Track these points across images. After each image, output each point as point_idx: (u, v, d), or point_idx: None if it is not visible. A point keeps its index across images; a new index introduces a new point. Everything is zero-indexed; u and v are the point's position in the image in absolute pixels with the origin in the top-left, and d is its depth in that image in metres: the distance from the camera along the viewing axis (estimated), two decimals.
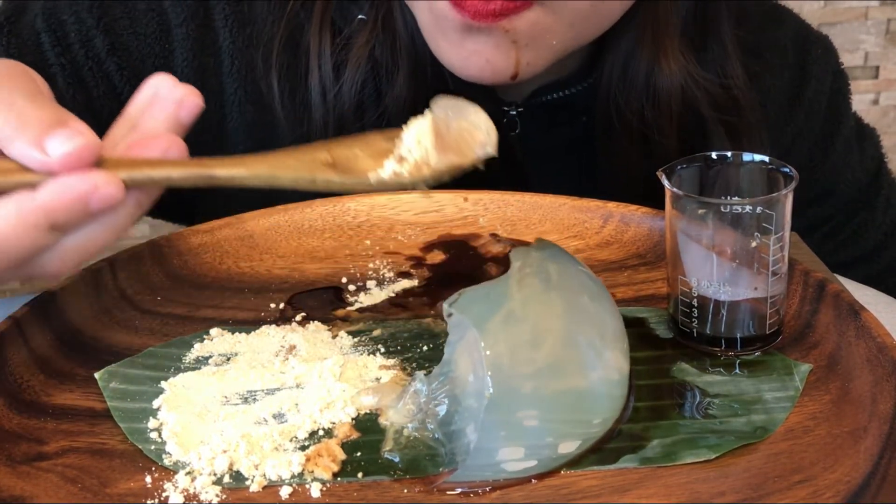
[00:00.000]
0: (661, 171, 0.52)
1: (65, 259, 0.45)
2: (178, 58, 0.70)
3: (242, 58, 0.71)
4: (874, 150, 0.85)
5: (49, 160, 0.43)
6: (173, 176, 0.46)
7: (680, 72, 0.68)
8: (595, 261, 0.62)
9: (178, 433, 0.47)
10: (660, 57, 0.68)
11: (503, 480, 0.44)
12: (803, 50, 0.80)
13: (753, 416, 0.48)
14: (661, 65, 0.68)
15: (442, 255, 0.63)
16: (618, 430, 0.47)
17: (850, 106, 0.83)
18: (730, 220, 0.50)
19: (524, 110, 0.73)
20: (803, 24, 0.82)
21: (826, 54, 0.81)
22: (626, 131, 0.71)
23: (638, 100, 0.69)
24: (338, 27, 0.69)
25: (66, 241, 0.45)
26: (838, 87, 0.82)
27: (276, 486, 0.45)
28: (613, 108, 0.70)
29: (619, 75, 0.70)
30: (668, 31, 0.68)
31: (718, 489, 0.44)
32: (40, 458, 0.46)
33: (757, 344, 0.52)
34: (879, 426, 0.46)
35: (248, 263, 0.62)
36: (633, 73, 0.69)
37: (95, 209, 0.44)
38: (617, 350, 0.49)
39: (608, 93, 0.70)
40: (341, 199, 0.66)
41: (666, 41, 0.68)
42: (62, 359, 0.53)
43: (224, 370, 0.52)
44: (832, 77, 0.81)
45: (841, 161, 0.82)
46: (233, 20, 0.71)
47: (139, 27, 0.70)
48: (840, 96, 0.82)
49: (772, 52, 0.78)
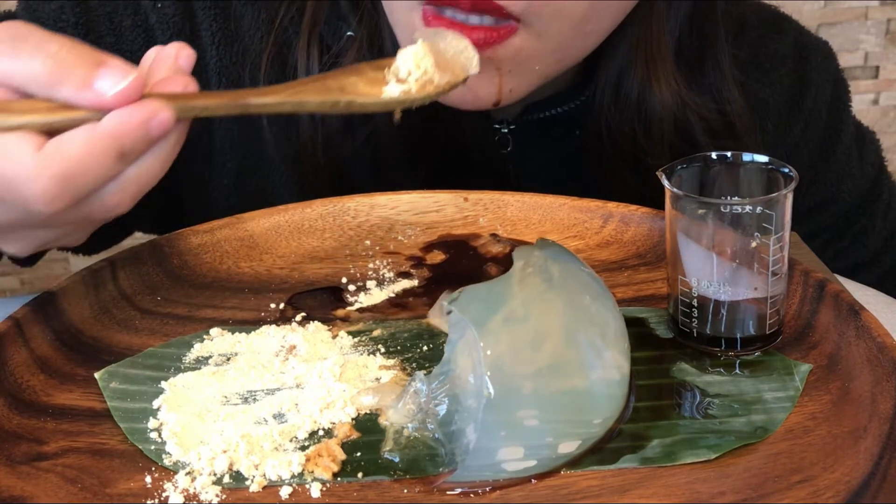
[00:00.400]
0: (660, 170, 0.52)
1: (125, 191, 0.47)
2: None
3: (229, 75, 0.71)
4: (874, 157, 0.85)
5: (103, 99, 0.44)
6: (210, 105, 0.48)
7: (672, 98, 0.68)
8: (595, 261, 0.62)
9: (178, 433, 0.47)
10: (651, 80, 0.68)
11: (503, 480, 0.45)
12: (803, 58, 0.79)
13: (753, 416, 0.48)
14: (653, 89, 0.68)
15: (442, 255, 0.63)
16: (618, 430, 0.47)
17: (850, 113, 0.83)
18: (730, 220, 0.50)
19: (516, 128, 0.73)
20: (803, 32, 0.81)
21: (826, 62, 0.81)
22: (618, 152, 0.70)
23: (630, 122, 0.69)
24: (326, 44, 0.69)
25: (128, 171, 0.46)
26: (838, 95, 0.81)
27: (276, 486, 0.45)
28: (605, 128, 0.70)
29: (611, 96, 0.69)
30: (661, 52, 0.67)
31: (718, 489, 0.44)
32: (40, 458, 0.46)
33: (757, 344, 0.52)
34: (879, 426, 0.46)
35: (248, 263, 0.62)
36: (626, 94, 0.68)
37: (155, 135, 0.46)
38: (617, 350, 0.49)
39: (600, 112, 0.70)
40: (341, 199, 0.66)
41: (658, 64, 0.67)
42: (62, 359, 0.53)
43: (224, 370, 0.52)
44: (832, 86, 0.81)
45: (841, 169, 0.82)
46: (220, 37, 0.70)
47: (125, 44, 0.70)
48: (840, 104, 0.82)
49: (771, 63, 0.78)
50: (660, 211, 0.60)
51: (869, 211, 0.84)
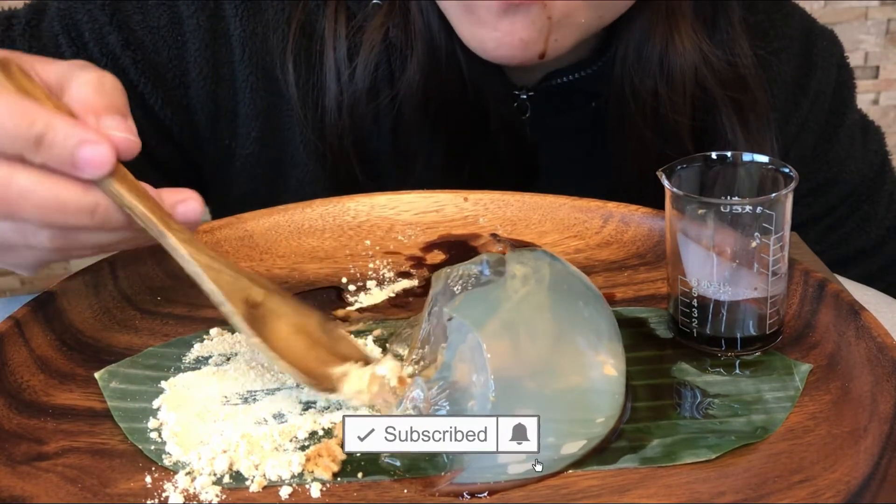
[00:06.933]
0: (660, 170, 0.52)
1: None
2: (190, 49, 0.72)
3: (253, 45, 0.72)
4: (878, 146, 0.86)
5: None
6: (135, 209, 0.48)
7: (693, 50, 0.70)
8: (595, 261, 0.62)
9: (178, 433, 0.47)
10: (674, 36, 0.69)
11: (504, 482, 0.44)
12: (809, 41, 0.81)
13: (753, 416, 0.48)
14: (675, 44, 0.69)
15: (442, 255, 0.63)
16: (618, 429, 0.47)
17: (854, 99, 0.84)
18: (730, 220, 0.50)
19: (535, 94, 0.74)
20: (809, 17, 0.83)
21: (831, 46, 0.82)
22: (640, 110, 0.71)
23: (652, 78, 0.70)
24: (352, 12, 0.71)
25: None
26: (843, 79, 0.83)
27: (276, 486, 0.45)
28: (628, 87, 0.71)
29: (634, 54, 0.71)
30: (682, 10, 0.69)
31: (718, 489, 0.44)
32: (40, 458, 0.46)
33: (757, 344, 0.52)
34: (879, 426, 0.46)
35: (248, 263, 0.62)
36: (648, 54, 0.70)
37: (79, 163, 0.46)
38: (612, 349, 0.49)
39: (622, 73, 0.71)
40: (341, 199, 0.66)
41: (680, 20, 0.69)
42: (62, 359, 0.53)
43: (224, 370, 0.52)
44: (837, 69, 0.82)
45: (844, 151, 0.83)
46: (243, 9, 0.72)
47: (151, 21, 0.72)
48: (845, 89, 0.83)
49: (779, 40, 0.79)
50: (660, 211, 0.60)
51: (872, 198, 0.85)
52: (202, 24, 0.72)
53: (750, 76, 0.72)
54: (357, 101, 0.70)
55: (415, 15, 0.69)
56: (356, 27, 0.70)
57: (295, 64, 0.71)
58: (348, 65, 0.70)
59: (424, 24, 0.68)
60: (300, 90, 0.71)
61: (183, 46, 0.72)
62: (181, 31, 0.72)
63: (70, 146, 0.45)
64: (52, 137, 0.45)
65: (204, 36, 0.72)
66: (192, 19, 0.72)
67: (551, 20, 0.62)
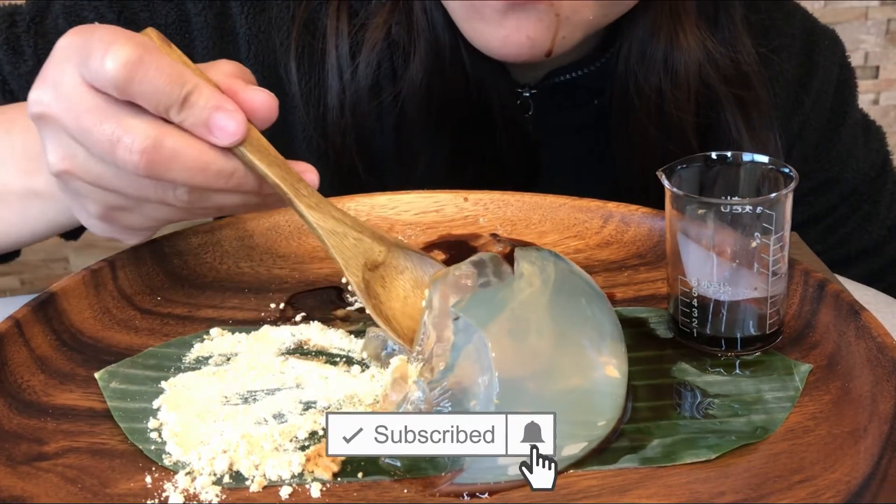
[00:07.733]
0: (660, 170, 0.52)
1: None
2: (198, 46, 0.72)
3: (259, 43, 0.73)
4: (879, 145, 0.86)
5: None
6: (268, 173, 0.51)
7: (697, 47, 0.70)
8: (595, 261, 0.62)
9: (178, 433, 0.47)
10: (678, 33, 0.70)
11: (504, 483, 0.44)
12: (811, 40, 0.81)
13: (753, 416, 0.48)
14: (679, 41, 0.70)
15: (442, 255, 0.63)
16: (619, 430, 0.47)
17: (856, 98, 0.85)
18: (730, 220, 0.50)
19: (538, 91, 0.74)
20: (810, 17, 0.83)
21: (833, 46, 0.82)
22: (644, 107, 0.72)
23: (656, 75, 0.70)
24: (355, 10, 0.71)
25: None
26: (844, 78, 0.83)
27: (276, 486, 0.45)
28: (632, 84, 0.71)
29: (637, 53, 0.71)
30: (686, 8, 0.69)
31: (718, 489, 0.44)
32: (40, 458, 0.46)
33: (757, 344, 0.52)
34: (879, 426, 0.46)
35: (248, 263, 0.62)
36: (652, 51, 0.70)
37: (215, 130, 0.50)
38: (616, 350, 0.49)
39: (626, 70, 0.71)
40: (341, 200, 0.66)
41: (683, 18, 0.69)
42: (62, 359, 0.53)
43: (224, 370, 0.52)
44: (839, 69, 0.82)
45: (846, 150, 0.83)
46: (249, 8, 0.73)
47: (159, 18, 0.72)
48: (847, 88, 0.83)
49: (781, 39, 0.79)
50: (660, 211, 0.60)
51: (873, 198, 0.85)
52: (209, 22, 0.72)
53: (753, 73, 0.73)
54: (359, 98, 0.70)
55: (418, 12, 0.69)
56: (359, 25, 0.70)
57: (298, 62, 0.71)
58: (350, 62, 0.70)
59: (427, 22, 0.69)
60: (303, 88, 0.71)
61: (190, 45, 0.72)
62: (188, 30, 0.72)
63: (209, 108, 0.49)
64: (196, 98, 0.48)
65: (211, 34, 0.72)
66: (199, 17, 0.72)
67: (559, 17, 0.62)
